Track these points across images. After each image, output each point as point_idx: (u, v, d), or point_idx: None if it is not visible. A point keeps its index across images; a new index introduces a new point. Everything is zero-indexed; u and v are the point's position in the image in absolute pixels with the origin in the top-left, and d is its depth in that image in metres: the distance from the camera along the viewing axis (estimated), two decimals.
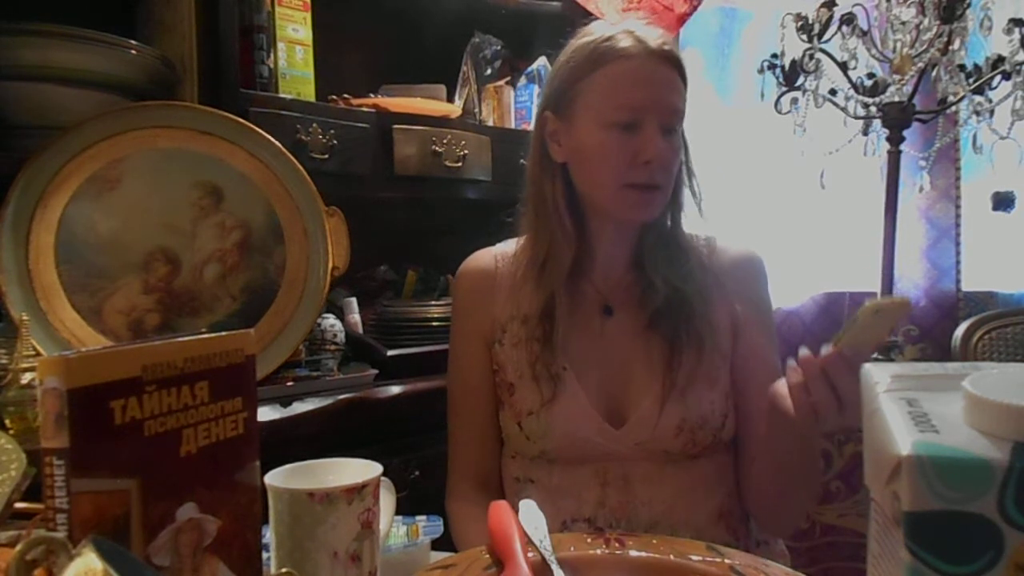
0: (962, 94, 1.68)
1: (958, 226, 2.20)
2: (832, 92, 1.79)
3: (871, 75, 1.78)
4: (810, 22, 1.71)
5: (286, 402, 1.21)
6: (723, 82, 2.38)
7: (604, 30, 0.97)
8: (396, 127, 1.52)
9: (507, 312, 1.01)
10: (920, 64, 1.67)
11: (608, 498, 0.94)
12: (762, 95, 1.83)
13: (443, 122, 1.60)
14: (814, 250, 2.27)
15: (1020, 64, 1.62)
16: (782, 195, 2.27)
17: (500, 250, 1.08)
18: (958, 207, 2.20)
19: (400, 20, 1.82)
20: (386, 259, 1.80)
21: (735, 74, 2.37)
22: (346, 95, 1.54)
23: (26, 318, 0.97)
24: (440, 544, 0.82)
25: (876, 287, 1.86)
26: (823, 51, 1.72)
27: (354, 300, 1.60)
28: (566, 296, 0.98)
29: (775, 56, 1.80)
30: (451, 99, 1.76)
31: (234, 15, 1.34)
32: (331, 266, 1.27)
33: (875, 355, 1.83)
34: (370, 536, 0.66)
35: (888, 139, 1.79)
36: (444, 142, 1.57)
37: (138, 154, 1.17)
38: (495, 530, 0.73)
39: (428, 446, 1.33)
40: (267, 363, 1.21)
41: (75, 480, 0.48)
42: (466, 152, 1.60)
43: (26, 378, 0.92)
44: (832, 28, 1.70)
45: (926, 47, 1.66)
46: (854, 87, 1.77)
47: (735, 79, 2.37)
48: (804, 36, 1.72)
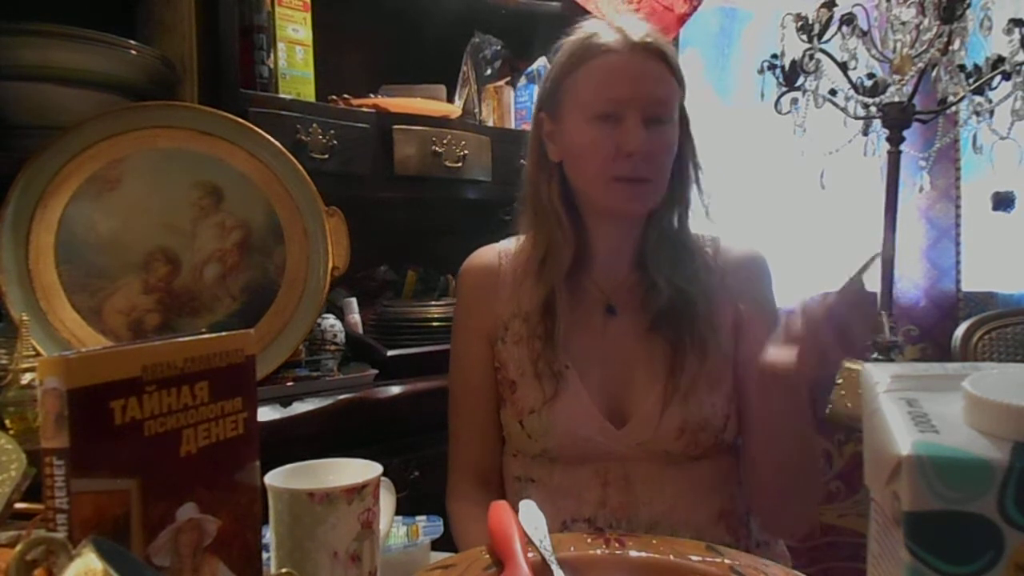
0: (962, 94, 1.68)
1: (958, 226, 2.20)
2: (832, 92, 1.79)
3: (871, 75, 1.78)
4: (810, 22, 1.71)
5: (286, 402, 1.21)
6: (723, 82, 2.38)
7: (591, 27, 0.97)
8: (396, 127, 1.52)
9: (509, 309, 1.01)
10: (920, 64, 1.67)
11: (609, 498, 0.94)
12: (762, 95, 1.83)
13: (443, 122, 1.60)
14: (814, 250, 2.27)
15: (1020, 64, 1.62)
16: (782, 195, 2.27)
17: (504, 247, 1.07)
18: (958, 207, 2.20)
19: (400, 20, 1.81)
20: (386, 259, 1.80)
21: (735, 74, 2.37)
22: (346, 95, 1.54)
23: (26, 318, 0.97)
24: (440, 544, 0.82)
25: (876, 287, 1.86)
26: (823, 51, 1.72)
27: (354, 300, 1.60)
28: (567, 294, 0.98)
29: (775, 56, 1.80)
30: (451, 99, 1.76)
31: (234, 15, 1.34)
32: (331, 266, 1.27)
33: (875, 355, 1.83)
34: (370, 536, 0.66)
35: (888, 139, 1.79)
36: (444, 142, 1.57)
37: (138, 154, 1.17)
38: (495, 530, 0.73)
39: (428, 446, 1.33)
40: (267, 363, 1.21)
41: (75, 480, 0.48)
42: (466, 152, 1.60)
43: (26, 378, 0.92)
44: (832, 28, 1.70)
45: (926, 47, 1.66)
46: (854, 87, 1.77)
47: (735, 79, 2.37)
48: (804, 36, 1.72)
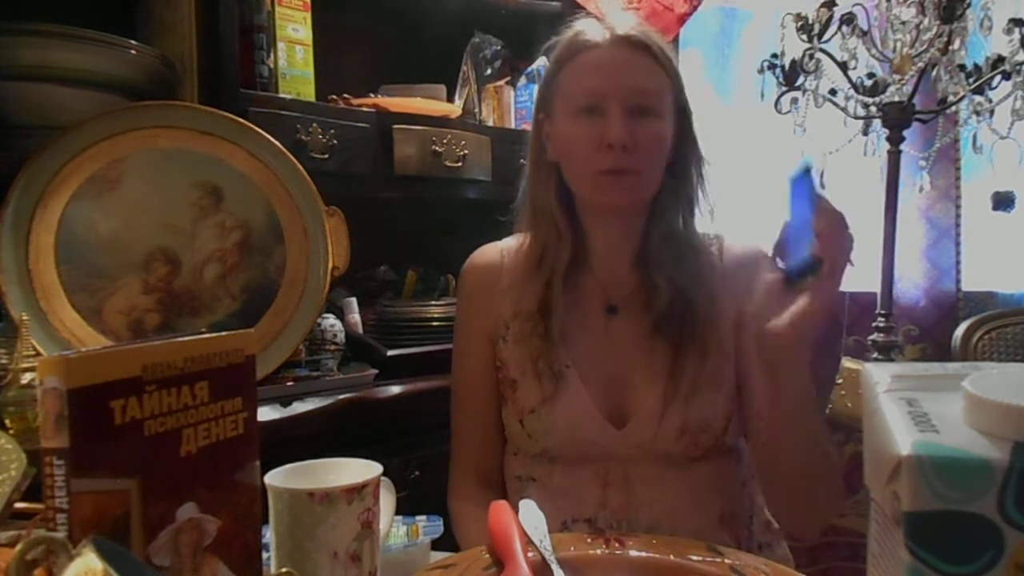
0: (962, 94, 1.68)
1: (958, 226, 2.20)
2: (832, 92, 1.79)
3: (871, 75, 1.78)
4: (810, 22, 1.71)
5: (286, 402, 1.21)
6: (723, 82, 2.38)
7: (579, 25, 0.97)
8: (396, 127, 1.52)
9: (510, 308, 1.01)
10: (920, 64, 1.67)
11: (609, 499, 0.93)
12: (762, 95, 1.83)
13: (443, 122, 1.60)
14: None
15: (1020, 64, 1.62)
16: (782, 195, 2.27)
17: (506, 245, 1.07)
18: (958, 207, 2.20)
19: (400, 20, 1.81)
20: (386, 259, 1.80)
21: (735, 74, 2.37)
22: (346, 95, 1.54)
23: (26, 318, 0.97)
24: (440, 544, 0.82)
25: (876, 287, 1.86)
26: (823, 51, 1.72)
27: (354, 300, 1.60)
28: (567, 292, 0.98)
29: (775, 56, 1.80)
30: (451, 99, 1.76)
31: (234, 15, 1.34)
32: (331, 266, 1.27)
33: (875, 355, 1.83)
34: (370, 536, 0.66)
35: (888, 139, 1.79)
36: (444, 142, 1.57)
37: (138, 154, 1.17)
38: (495, 530, 0.73)
39: (428, 446, 1.33)
40: (267, 363, 1.21)
41: (75, 480, 0.48)
42: (466, 152, 1.60)
43: (26, 378, 0.92)
44: (832, 28, 1.70)
45: (926, 47, 1.66)
46: (854, 87, 1.77)
47: (735, 79, 2.37)
48: (804, 36, 1.72)
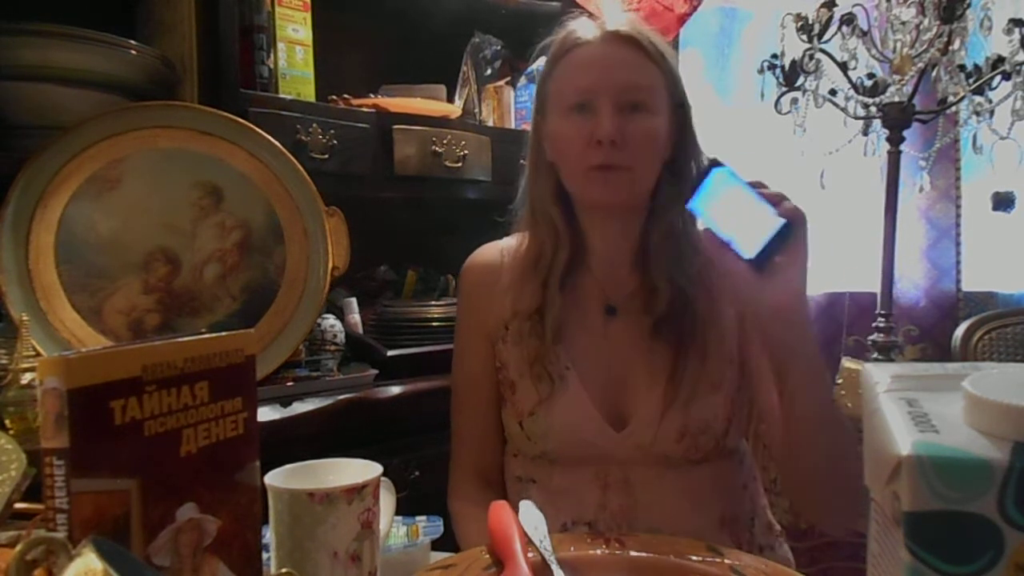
0: (962, 94, 1.68)
1: (958, 226, 2.21)
2: (832, 92, 1.79)
3: (871, 75, 1.78)
4: (810, 22, 1.71)
5: (286, 402, 1.21)
6: (723, 82, 2.38)
7: (572, 23, 0.97)
8: (396, 127, 1.52)
9: (509, 308, 1.00)
10: (920, 64, 1.67)
11: (609, 501, 0.93)
12: (762, 95, 1.83)
13: (443, 122, 1.60)
14: (814, 250, 2.26)
15: (1020, 64, 1.62)
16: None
17: (507, 244, 1.06)
18: (958, 207, 2.20)
19: (400, 20, 1.81)
20: (386, 259, 1.80)
21: (735, 74, 2.37)
22: (346, 95, 1.54)
23: (26, 318, 0.97)
24: (440, 544, 0.82)
25: (876, 287, 1.86)
26: (823, 51, 1.72)
27: (354, 300, 1.60)
28: (566, 293, 0.98)
29: (775, 56, 1.80)
30: (451, 99, 1.76)
31: (234, 15, 1.34)
32: (331, 266, 1.27)
33: (875, 355, 1.83)
34: (370, 536, 0.66)
35: (888, 139, 1.79)
36: (444, 142, 1.57)
37: (138, 154, 1.17)
38: (495, 530, 0.73)
39: (428, 446, 1.33)
40: (267, 363, 1.21)
41: (75, 480, 0.48)
42: (466, 152, 1.60)
43: (26, 378, 0.92)
44: (832, 28, 1.70)
45: (926, 47, 1.66)
46: (854, 87, 1.77)
47: (735, 79, 2.37)
48: (804, 36, 1.72)
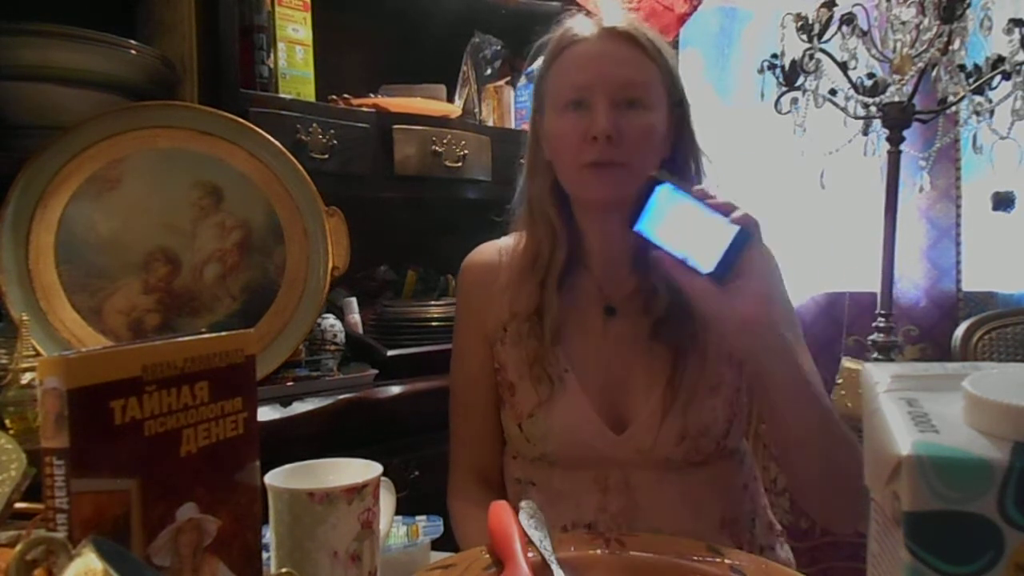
0: (962, 94, 1.68)
1: (958, 226, 2.20)
2: (832, 92, 1.79)
3: (871, 75, 1.78)
4: (810, 22, 1.71)
5: (286, 402, 1.21)
6: (723, 82, 2.38)
7: (568, 22, 0.97)
8: (396, 127, 1.52)
9: (508, 309, 1.00)
10: (920, 64, 1.67)
11: (609, 504, 0.93)
12: (762, 95, 1.83)
13: (443, 122, 1.60)
14: (814, 250, 2.27)
15: (1020, 64, 1.62)
16: (782, 195, 2.27)
17: (505, 244, 1.05)
18: (958, 207, 2.20)
19: (400, 20, 1.82)
20: (386, 259, 1.80)
21: (735, 74, 2.37)
22: (346, 95, 1.54)
23: (26, 318, 0.97)
24: (440, 544, 0.82)
25: (876, 287, 1.86)
26: (823, 51, 1.72)
27: (354, 300, 1.60)
28: (564, 293, 0.97)
29: (775, 56, 1.80)
30: (451, 99, 1.76)
31: (234, 15, 1.34)
32: (331, 266, 1.27)
33: (875, 355, 1.83)
34: (370, 536, 0.66)
35: (888, 139, 1.79)
36: (444, 142, 1.57)
37: (138, 154, 1.17)
38: (495, 530, 0.73)
39: (428, 446, 1.33)
40: (267, 363, 1.21)
41: (75, 480, 0.48)
42: (466, 152, 1.60)
43: (26, 378, 0.92)
44: (832, 28, 1.70)
45: (926, 47, 1.66)
46: (854, 87, 1.77)
47: (735, 79, 2.37)
48: (804, 36, 1.72)
